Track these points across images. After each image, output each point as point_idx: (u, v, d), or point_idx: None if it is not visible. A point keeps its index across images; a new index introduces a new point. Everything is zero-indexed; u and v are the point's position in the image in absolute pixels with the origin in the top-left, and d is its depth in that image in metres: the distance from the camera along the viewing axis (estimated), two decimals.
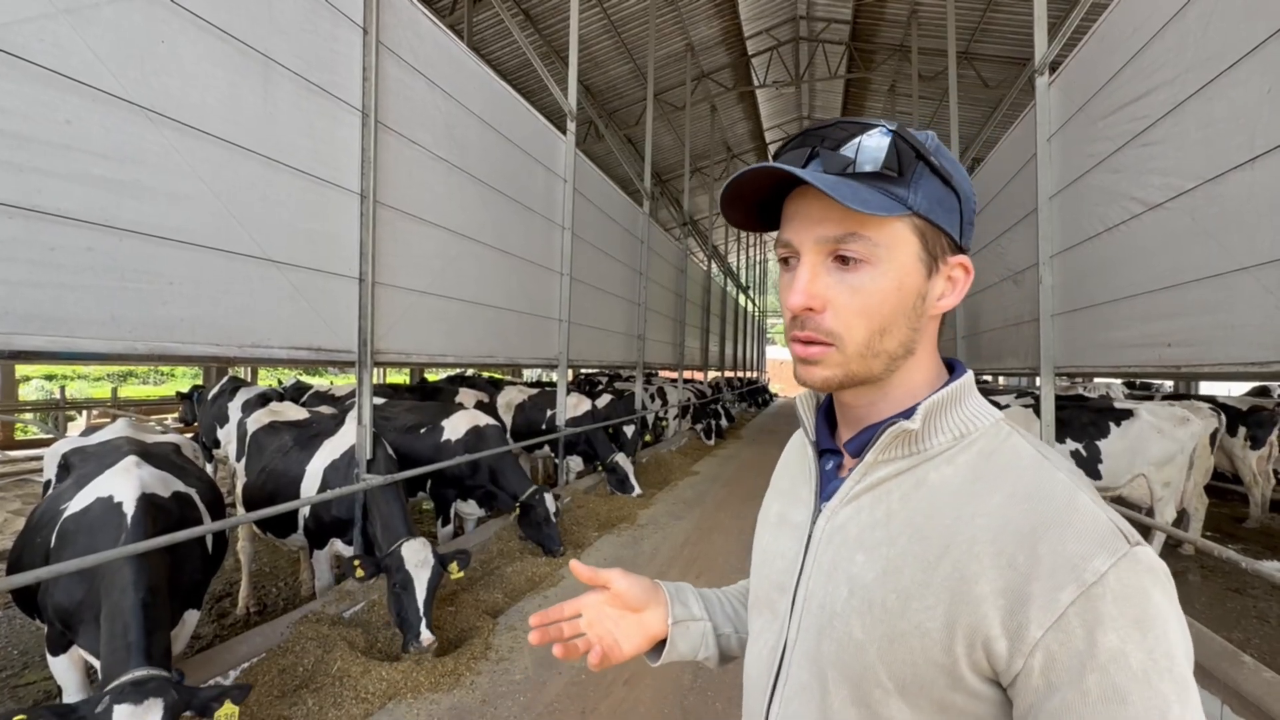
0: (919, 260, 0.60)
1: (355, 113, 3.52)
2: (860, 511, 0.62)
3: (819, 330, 0.60)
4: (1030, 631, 0.49)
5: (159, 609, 2.10)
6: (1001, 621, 0.50)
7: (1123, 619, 0.47)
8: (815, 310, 0.60)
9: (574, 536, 5.13)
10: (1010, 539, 0.52)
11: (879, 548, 0.59)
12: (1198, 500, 4.97)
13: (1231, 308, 2.70)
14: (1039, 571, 0.50)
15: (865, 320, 0.59)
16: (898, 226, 0.59)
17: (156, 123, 2.46)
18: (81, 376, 21.60)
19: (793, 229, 0.62)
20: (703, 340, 16.47)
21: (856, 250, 0.58)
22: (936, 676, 0.54)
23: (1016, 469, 0.57)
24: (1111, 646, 0.47)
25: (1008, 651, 0.50)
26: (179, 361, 2.68)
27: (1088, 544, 0.50)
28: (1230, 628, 3.87)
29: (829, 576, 0.62)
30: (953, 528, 0.56)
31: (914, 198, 0.59)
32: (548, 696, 2.84)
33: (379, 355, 3.76)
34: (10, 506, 6.41)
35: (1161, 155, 3.20)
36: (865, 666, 0.57)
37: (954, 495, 0.57)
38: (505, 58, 10.98)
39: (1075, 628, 0.48)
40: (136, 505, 2.29)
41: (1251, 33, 2.55)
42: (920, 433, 0.61)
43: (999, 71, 11.08)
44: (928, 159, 0.59)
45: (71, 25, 2.17)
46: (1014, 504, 0.54)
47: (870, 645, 0.57)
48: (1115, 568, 0.48)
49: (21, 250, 2.08)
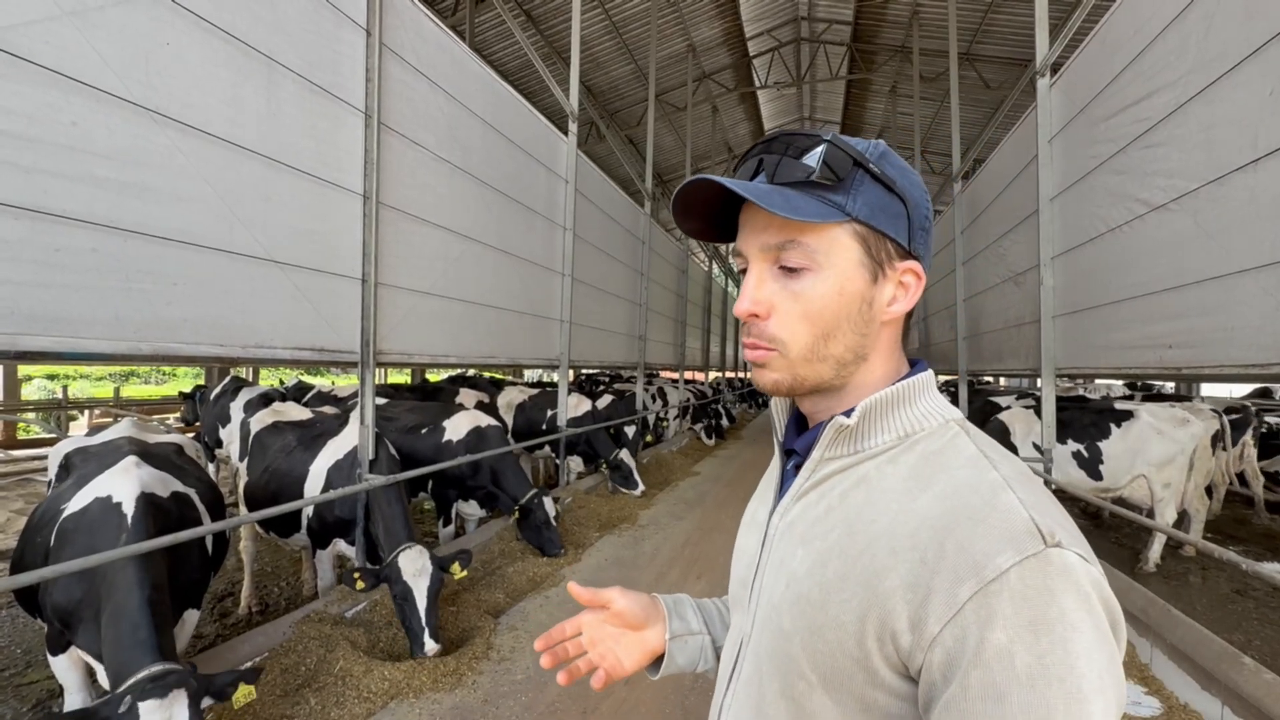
0: (861, 265, 0.61)
1: (358, 114, 3.53)
2: (807, 507, 0.64)
3: (763, 336, 0.62)
4: (930, 626, 0.49)
5: (164, 606, 2.11)
6: (908, 615, 0.50)
7: (1016, 618, 0.46)
8: (760, 316, 0.62)
9: (575, 537, 5.13)
10: (926, 534, 0.52)
11: (814, 542, 0.60)
12: (1198, 501, 4.97)
13: (1232, 310, 2.71)
14: (943, 566, 0.50)
15: (808, 325, 0.61)
16: (836, 233, 0.60)
17: (160, 124, 2.47)
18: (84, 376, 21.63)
19: (741, 238, 0.65)
20: (704, 341, 16.48)
21: (796, 257, 0.60)
22: (854, 671, 0.54)
23: (950, 468, 0.57)
24: (998, 644, 0.46)
25: (910, 645, 0.50)
26: (182, 362, 2.68)
27: (995, 541, 0.49)
28: (1231, 629, 3.87)
29: (775, 571, 0.64)
30: (879, 523, 0.56)
31: (852, 204, 0.60)
32: (549, 696, 2.84)
33: (381, 356, 3.77)
34: (13, 506, 6.43)
35: (1163, 157, 3.20)
36: (790, 658, 0.58)
37: (888, 493, 0.58)
38: (507, 59, 10.99)
39: (970, 623, 0.47)
40: (136, 504, 2.30)
41: (1253, 34, 2.56)
42: (857, 430, 0.62)
43: (1000, 73, 11.08)
44: (866, 166, 0.60)
45: (76, 27, 2.19)
46: (938, 501, 0.54)
47: (795, 637, 0.58)
48: (1019, 566, 0.47)
49: (27, 251, 2.09)
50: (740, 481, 8.09)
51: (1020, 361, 5.65)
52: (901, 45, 11.85)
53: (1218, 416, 5.41)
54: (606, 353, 8.48)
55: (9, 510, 6.25)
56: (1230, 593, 4.55)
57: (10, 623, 3.80)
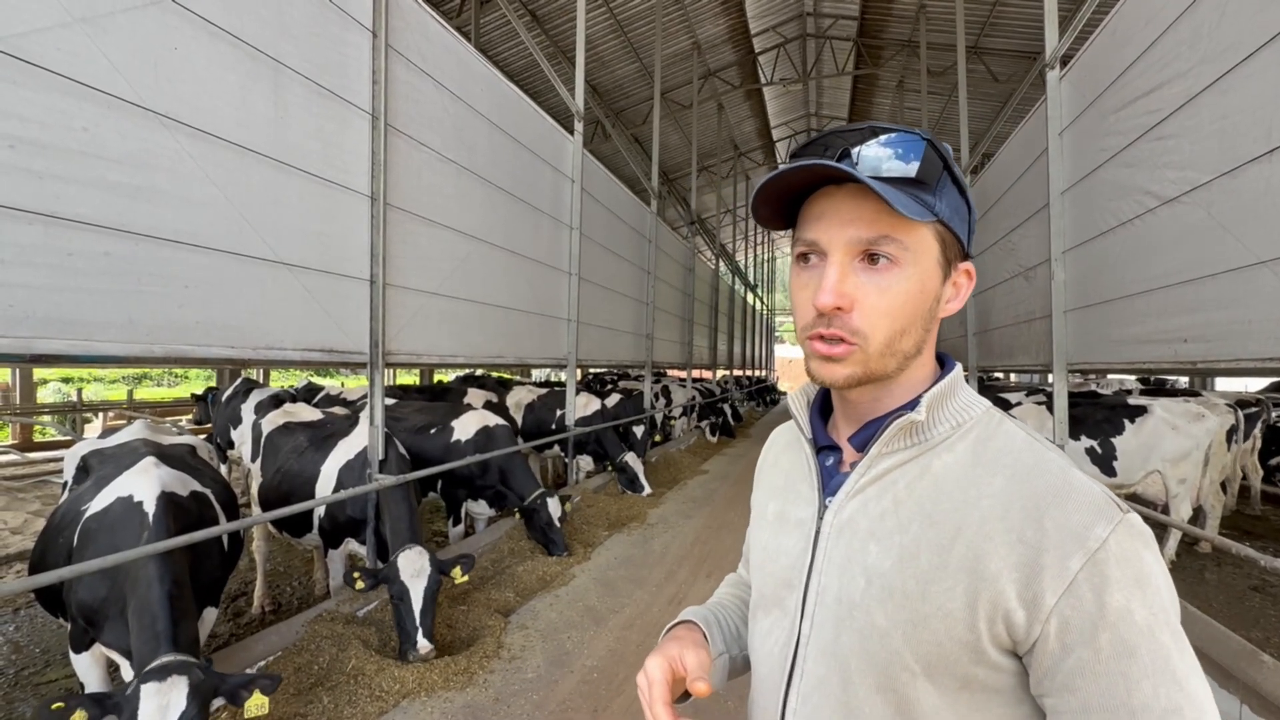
0: (938, 265, 0.63)
1: (365, 116, 3.54)
2: (868, 503, 0.64)
3: (845, 329, 0.61)
4: (1045, 599, 0.52)
5: (183, 600, 2.14)
6: (1018, 594, 0.54)
7: (1125, 579, 0.51)
8: (844, 309, 0.61)
9: (584, 535, 5.14)
10: (1017, 516, 0.55)
11: (891, 536, 0.61)
12: (1214, 497, 4.91)
13: (1249, 302, 2.67)
14: (1048, 543, 0.53)
15: (889, 320, 0.61)
16: (924, 231, 0.62)
17: (170, 128, 2.50)
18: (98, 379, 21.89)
19: (820, 228, 0.63)
20: (711, 339, 16.45)
21: (888, 252, 0.60)
22: (960, 654, 0.56)
23: (1012, 452, 0.60)
24: (1119, 605, 0.51)
25: (1025, 621, 0.53)
26: (194, 364, 2.71)
27: (1088, 514, 0.54)
28: (1249, 626, 3.82)
29: (843, 569, 0.64)
30: (961, 511, 0.58)
31: (939, 205, 0.62)
32: (560, 694, 2.85)
33: (390, 356, 3.78)
34: (30, 507, 6.52)
35: (1176, 149, 3.16)
36: (891, 652, 0.59)
37: (958, 481, 0.60)
38: (512, 59, 11.01)
39: (1085, 592, 0.51)
40: (158, 503, 2.33)
41: (1267, 23, 2.52)
42: (925, 423, 0.64)
43: (1009, 66, 10.98)
44: (951, 169, 0.63)
45: (87, 34, 2.21)
46: (1015, 484, 0.57)
47: (895, 631, 0.59)
48: (1114, 534, 0.53)
49: (41, 255, 2.12)
50: (748, 480, 8.03)
51: (1031, 357, 5.60)
52: (908, 40, 11.77)
53: (1233, 411, 5.33)
54: (614, 352, 8.48)
55: (26, 511, 6.33)
56: (1247, 589, 4.49)
57: (29, 622, 3.85)
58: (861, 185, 0.59)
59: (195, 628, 2.15)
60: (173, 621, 2.05)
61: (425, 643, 2.90)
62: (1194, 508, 4.79)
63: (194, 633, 2.12)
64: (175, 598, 2.10)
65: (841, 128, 0.64)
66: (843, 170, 0.58)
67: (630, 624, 3.61)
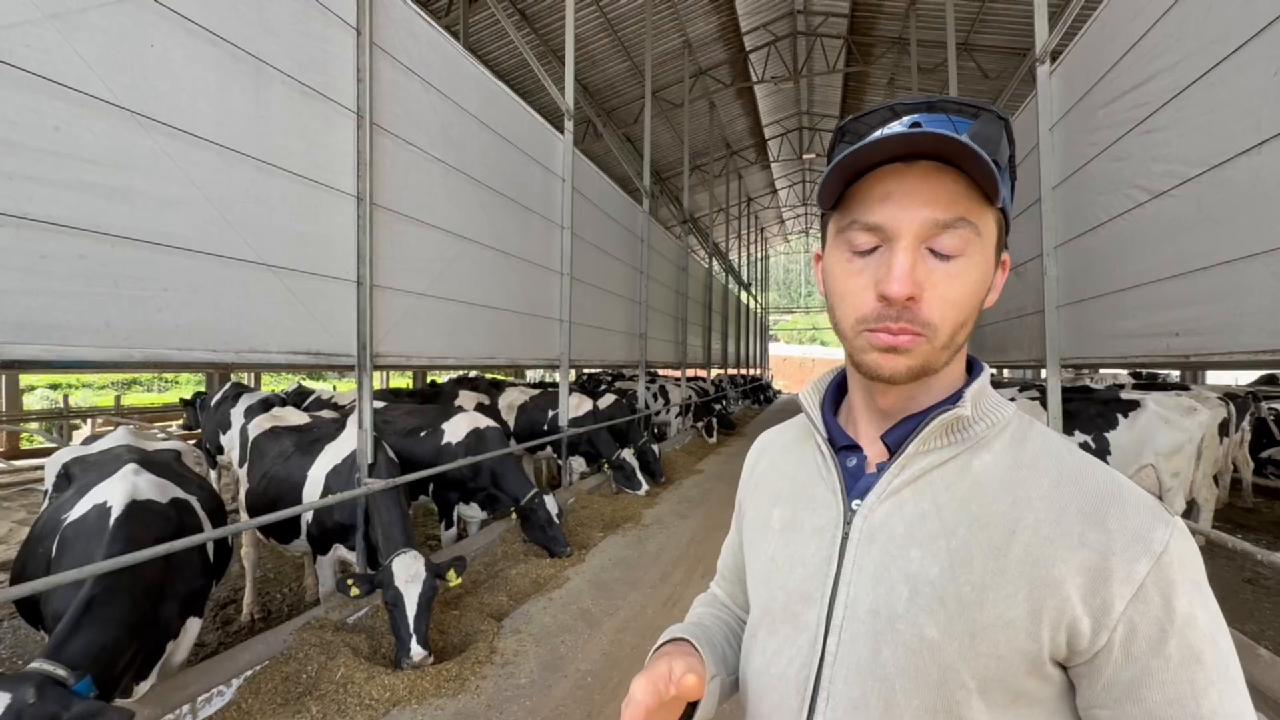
0: (995, 253, 0.60)
1: (349, 115, 3.49)
2: (903, 505, 0.60)
3: (915, 321, 0.56)
4: (1115, 606, 0.50)
5: (110, 609, 1.98)
6: (1083, 600, 0.51)
7: (1187, 583, 0.50)
8: (916, 299, 0.55)
9: (579, 537, 5.10)
10: (1074, 519, 0.53)
11: (936, 540, 0.57)
12: (1206, 490, 4.92)
13: (1241, 295, 2.66)
14: (1114, 546, 0.51)
15: (956, 312, 0.57)
16: (991, 217, 0.58)
17: (147, 127, 2.44)
18: (86, 385, 21.67)
19: (889, 209, 0.56)
20: (705, 338, 16.43)
21: (961, 237, 0.56)
22: (1019, 665, 0.53)
23: (1051, 454, 0.58)
24: (1185, 610, 0.49)
25: (1091, 629, 0.51)
26: (175, 368, 2.65)
27: (1146, 518, 0.52)
28: (1244, 619, 3.82)
29: (877, 578, 0.58)
30: (1012, 513, 0.55)
31: (1005, 191, 0.57)
32: (553, 700, 2.81)
33: (379, 358, 3.73)
34: (15, 516, 6.42)
35: (1165, 142, 3.15)
36: (946, 668, 0.54)
37: (1002, 481, 0.57)
38: (502, 58, 10.95)
39: (1153, 597, 0.50)
40: (121, 512, 2.27)
41: (1254, 15, 2.51)
42: (969, 418, 0.61)
43: (999, 62, 11.01)
44: (1014, 156, 0.60)
45: (59, 30, 2.15)
46: (1066, 486, 0.55)
47: (949, 644, 0.54)
48: (1173, 538, 0.51)
49: (12, 258, 2.06)
50: None
51: (1024, 353, 5.60)
52: (899, 37, 11.79)
53: (1225, 404, 5.35)
54: (607, 352, 8.44)
55: (11, 521, 6.24)
56: (1241, 582, 4.50)
57: (12, 634, 3.78)
58: (936, 163, 0.54)
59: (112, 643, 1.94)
60: (73, 629, 1.86)
61: (419, 650, 2.85)
62: (1187, 501, 4.80)
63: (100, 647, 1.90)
64: (95, 604, 1.94)
65: (906, 100, 0.60)
66: (961, 143, 0.52)
67: (625, 626, 3.57)
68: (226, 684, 2.62)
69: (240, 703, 2.56)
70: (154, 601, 2.21)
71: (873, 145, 0.54)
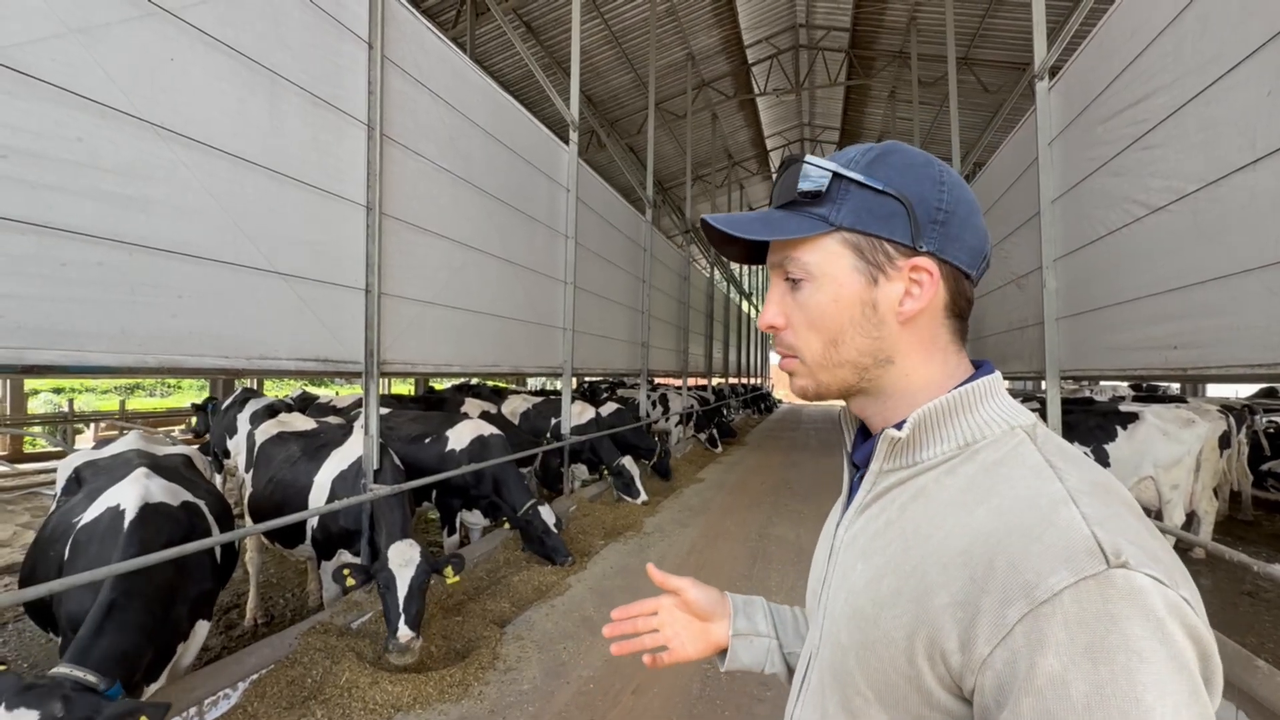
0: (854, 270, 0.62)
1: (360, 126, 3.56)
2: (870, 521, 0.63)
3: (783, 345, 0.67)
4: (979, 647, 0.47)
5: (128, 614, 2.02)
6: (958, 635, 0.49)
7: (1071, 645, 0.43)
8: (778, 327, 0.66)
9: (580, 545, 5.12)
10: (978, 550, 0.50)
11: (873, 556, 0.60)
12: (1207, 503, 4.94)
13: (1237, 310, 2.70)
14: (992, 585, 0.47)
15: (815, 333, 0.64)
16: (825, 243, 0.62)
17: (165, 139, 2.50)
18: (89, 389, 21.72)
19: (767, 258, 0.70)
20: (706, 347, 16.47)
21: (793, 270, 0.64)
22: (907, 689, 0.53)
23: (1011, 480, 0.54)
24: (1051, 671, 0.43)
25: (960, 666, 0.49)
26: (188, 374, 2.70)
27: (1050, 560, 0.46)
28: (1244, 632, 3.83)
29: (838, 585, 0.64)
30: (934, 538, 0.54)
31: (836, 214, 0.62)
32: (556, 706, 2.83)
33: (385, 366, 3.78)
34: (19, 519, 6.44)
35: (1162, 158, 3.20)
36: (847, 672, 0.58)
37: (947, 506, 0.56)
38: (507, 69, 11.07)
39: (1020, 646, 0.45)
40: (135, 515, 2.30)
41: (1249, 36, 2.56)
42: (909, 442, 0.60)
43: (999, 77, 11.11)
44: (846, 175, 0.61)
45: (83, 44, 2.22)
46: (994, 516, 0.52)
47: (851, 651, 0.58)
48: (1074, 588, 0.44)
49: (34, 266, 2.11)
50: (744, 488, 8.06)
51: (1024, 364, 5.64)
52: (900, 50, 11.90)
53: (1224, 416, 5.37)
54: (609, 360, 8.48)
55: (15, 524, 6.26)
56: (1241, 594, 4.50)
57: (18, 636, 3.80)
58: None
59: (133, 647, 1.98)
60: (96, 633, 1.89)
61: (406, 630, 2.81)
62: (1187, 513, 4.82)
63: (126, 651, 1.93)
64: (116, 608, 1.97)
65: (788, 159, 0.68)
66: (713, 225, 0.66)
67: None
68: (232, 687, 2.65)
69: (246, 706, 2.58)
70: (167, 604, 2.24)
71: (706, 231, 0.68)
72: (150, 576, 2.17)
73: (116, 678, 1.82)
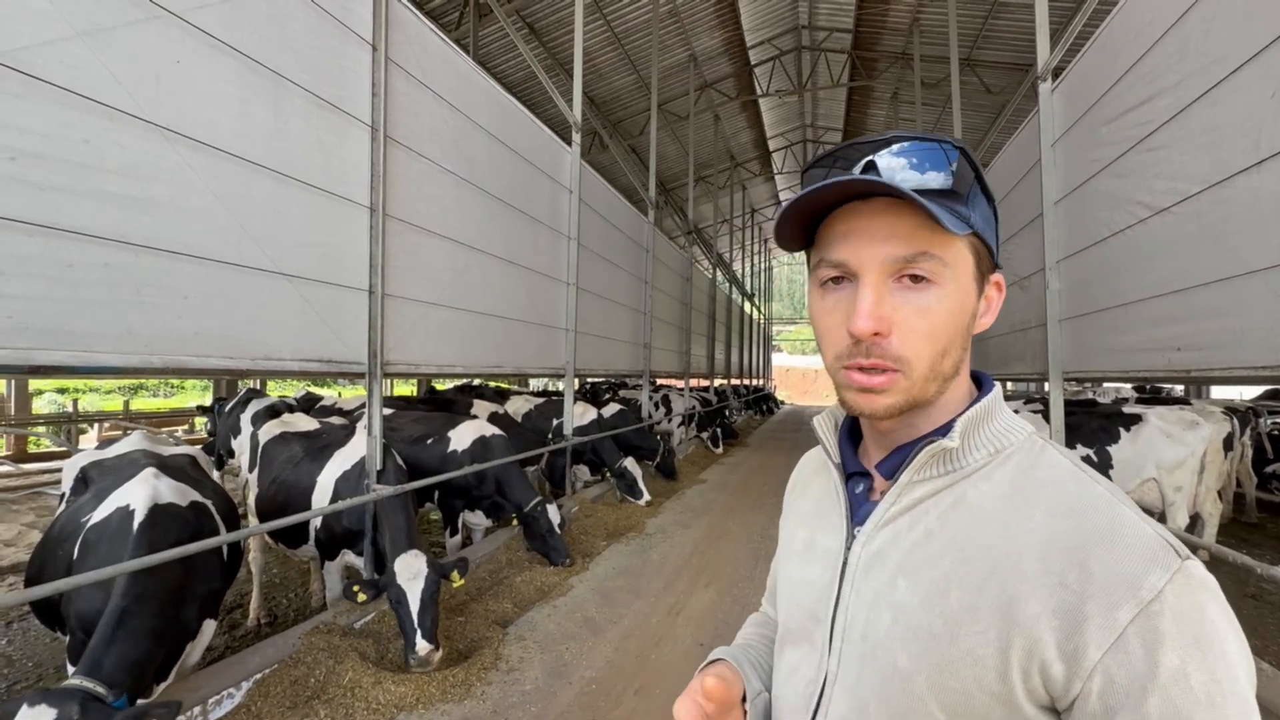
0: (973, 280, 0.60)
1: (364, 127, 3.57)
2: (898, 535, 0.60)
3: (886, 356, 0.57)
4: (1089, 654, 0.47)
5: (139, 619, 2.04)
6: (1057, 644, 0.48)
7: (1183, 637, 0.45)
8: (884, 335, 0.56)
9: (582, 545, 5.12)
10: (1058, 556, 0.50)
11: (921, 570, 0.57)
12: (1211, 505, 4.92)
13: (1240, 311, 2.70)
14: (1093, 589, 0.48)
15: (931, 343, 0.57)
16: (960, 245, 0.58)
17: (171, 140, 2.51)
18: (94, 390, 21.80)
19: (850, 247, 0.58)
20: (709, 348, 16.47)
21: (927, 269, 0.56)
22: (991, 706, 0.51)
23: (1055, 483, 0.55)
24: (1173, 667, 0.45)
25: (1064, 675, 0.48)
26: (193, 374, 2.71)
27: (1140, 560, 0.48)
28: (1247, 634, 3.78)
29: (871, 605, 0.59)
30: (997, 546, 0.53)
31: (974, 216, 0.58)
32: (559, 706, 2.83)
33: (389, 366, 3.79)
34: (24, 519, 6.47)
35: (1166, 160, 3.20)
36: (912, 697, 0.54)
37: (994, 513, 0.55)
38: (510, 71, 11.10)
39: (1135, 648, 0.46)
40: (145, 515, 2.32)
41: (1253, 37, 2.56)
42: (959, 450, 0.59)
43: (1002, 78, 11.11)
44: (982, 178, 0.60)
45: (90, 47, 2.23)
46: (1057, 520, 0.52)
47: (918, 675, 0.54)
48: (1171, 584, 0.46)
49: (40, 267, 2.12)
50: (746, 489, 8.06)
51: (1027, 366, 5.63)
52: (902, 52, 11.91)
53: (1229, 418, 5.36)
54: (611, 361, 8.49)
55: (20, 524, 6.28)
56: (1244, 597, 4.49)
57: (22, 635, 3.82)
58: (893, 199, 0.55)
59: (146, 653, 1.99)
60: (108, 643, 1.91)
61: (424, 644, 2.87)
62: (1190, 515, 4.80)
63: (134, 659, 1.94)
64: (127, 615, 1.99)
65: (862, 139, 0.59)
66: (885, 185, 0.54)
67: (629, 634, 3.59)
68: (236, 687, 2.66)
69: (250, 705, 2.59)
70: (177, 604, 2.26)
71: (817, 192, 0.56)
72: (160, 578, 2.19)
73: (125, 689, 1.87)
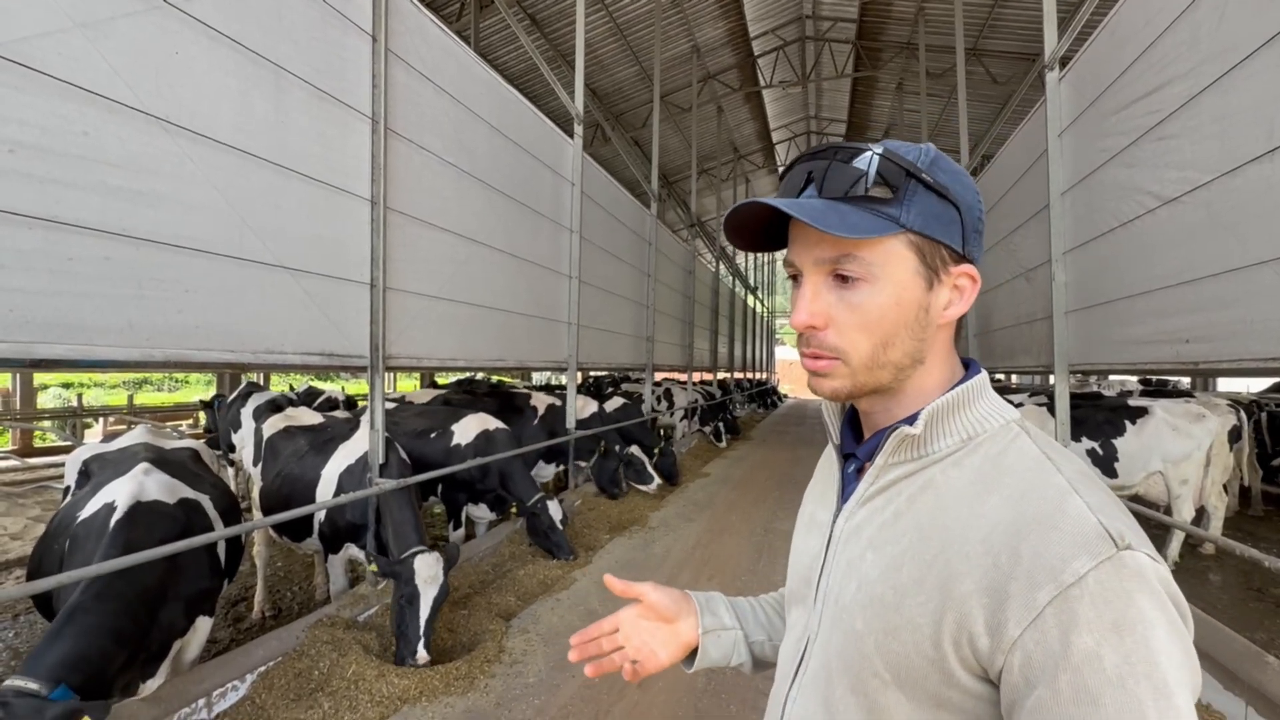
0: (916, 274, 0.62)
1: (365, 119, 3.54)
2: (874, 512, 0.65)
3: (823, 346, 0.64)
4: (1009, 630, 0.51)
5: (93, 617, 1.96)
6: (985, 620, 0.52)
7: (1099, 621, 0.48)
8: (818, 328, 0.63)
9: (585, 539, 5.13)
10: (999, 539, 0.54)
11: (885, 546, 0.62)
12: (1216, 498, 4.90)
13: (1250, 302, 2.66)
14: (1018, 571, 0.51)
15: (866, 335, 0.62)
16: (891, 244, 0.61)
17: (171, 132, 2.50)
18: (98, 384, 21.90)
19: (794, 250, 0.65)
20: (711, 341, 16.44)
21: (852, 269, 0.61)
22: (929, 670, 0.56)
23: (1017, 470, 0.58)
24: (1085, 648, 0.47)
25: (989, 649, 0.52)
26: (195, 368, 2.71)
27: (1070, 545, 0.51)
28: (1253, 628, 3.80)
29: (844, 574, 0.66)
30: (952, 528, 0.58)
31: (906, 215, 0.60)
32: (561, 699, 2.84)
33: (390, 360, 3.78)
34: (30, 513, 6.51)
35: (1176, 149, 3.16)
36: (863, 656, 0.60)
37: (957, 497, 0.59)
38: (512, 62, 11.02)
39: (1051, 628, 0.49)
40: (123, 513, 2.29)
41: (1267, 23, 2.52)
42: (922, 437, 0.63)
43: (1008, 68, 10.99)
44: (919, 176, 0.61)
45: (88, 39, 2.21)
46: (1007, 505, 0.56)
47: (868, 637, 0.60)
48: (1096, 570, 0.49)
49: (41, 260, 2.11)
50: (750, 483, 8.06)
51: (1033, 358, 5.60)
52: (907, 42, 11.79)
53: (1235, 411, 5.32)
54: (614, 354, 8.47)
55: (26, 517, 6.32)
56: (1251, 590, 4.47)
57: (29, 628, 3.84)
58: None
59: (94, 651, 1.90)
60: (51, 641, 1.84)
61: (424, 653, 2.90)
62: (1196, 509, 4.78)
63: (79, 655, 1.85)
64: (79, 612, 1.93)
65: (810, 151, 0.65)
66: (773, 206, 0.62)
67: None
68: (240, 679, 2.67)
69: (254, 697, 2.60)
70: (152, 604, 2.19)
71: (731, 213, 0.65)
72: (131, 577, 2.12)
73: (73, 685, 1.76)
